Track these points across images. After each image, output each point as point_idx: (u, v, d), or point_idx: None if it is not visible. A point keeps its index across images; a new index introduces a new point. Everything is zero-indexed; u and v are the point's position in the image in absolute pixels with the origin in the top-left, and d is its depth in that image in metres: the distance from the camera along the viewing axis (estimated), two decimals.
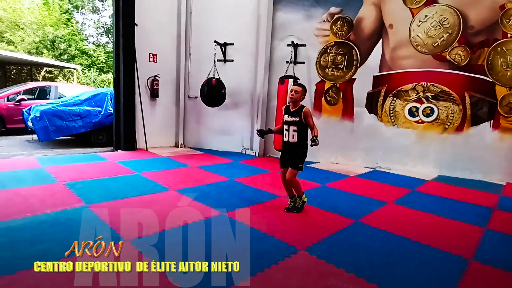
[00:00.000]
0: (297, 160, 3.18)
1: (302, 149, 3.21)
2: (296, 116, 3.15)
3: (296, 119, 3.14)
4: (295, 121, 3.15)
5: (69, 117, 6.59)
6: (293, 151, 3.20)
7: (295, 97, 3.15)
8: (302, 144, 3.19)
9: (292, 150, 3.21)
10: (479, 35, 5.41)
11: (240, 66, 6.69)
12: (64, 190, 3.60)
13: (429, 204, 3.90)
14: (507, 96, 5.35)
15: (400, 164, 5.98)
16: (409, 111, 5.91)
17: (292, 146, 3.20)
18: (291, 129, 3.17)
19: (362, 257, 2.39)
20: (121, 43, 6.00)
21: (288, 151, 3.25)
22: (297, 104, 3.19)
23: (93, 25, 18.04)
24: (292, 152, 3.21)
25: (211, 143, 7.13)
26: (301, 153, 3.20)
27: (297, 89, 3.17)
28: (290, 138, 3.18)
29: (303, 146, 3.20)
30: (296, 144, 3.17)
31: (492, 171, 5.48)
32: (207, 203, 3.43)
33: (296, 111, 3.17)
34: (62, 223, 2.71)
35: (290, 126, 3.17)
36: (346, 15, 6.08)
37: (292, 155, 3.20)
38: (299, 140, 3.17)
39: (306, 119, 3.11)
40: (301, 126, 3.14)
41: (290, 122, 3.18)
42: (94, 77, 16.30)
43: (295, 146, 3.18)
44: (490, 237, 2.96)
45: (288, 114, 3.21)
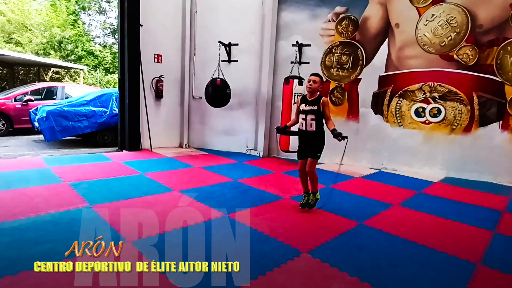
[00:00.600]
0: (316, 149, 3.19)
1: (320, 138, 3.22)
2: (314, 105, 3.16)
3: (315, 107, 3.15)
4: (313, 110, 3.16)
5: (75, 118, 6.64)
6: (312, 140, 3.21)
7: (313, 87, 3.16)
8: (320, 132, 3.21)
9: (310, 139, 3.22)
10: (488, 34, 5.31)
11: (245, 67, 6.67)
12: (69, 190, 3.61)
13: (435, 207, 3.83)
14: None
15: (407, 165, 5.90)
16: (416, 111, 5.82)
17: (311, 135, 3.21)
18: (309, 118, 3.18)
19: (366, 260, 2.34)
20: (126, 43, 6.02)
21: (306, 141, 3.26)
22: (314, 94, 3.21)
23: (100, 26, 18.19)
24: (311, 141, 3.21)
25: (216, 143, 7.12)
26: (319, 142, 3.22)
27: (315, 79, 3.18)
28: (308, 127, 3.19)
29: (321, 134, 3.22)
30: (315, 133, 3.19)
31: (501, 173, 5.37)
32: (210, 204, 3.42)
33: (314, 100, 3.19)
34: (65, 223, 2.72)
35: (308, 115, 3.18)
36: (351, 14, 6.02)
37: (311, 144, 3.21)
38: (317, 129, 3.18)
39: (324, 108, 3.13)
40: (319, 115, 3.16)
41: (308, 111, 3.18)
42: (100, 77, 16.43)
43: (314, 135, 3.20)
44: (499, 241, 2.89)
45: (306, 103, 3.22)
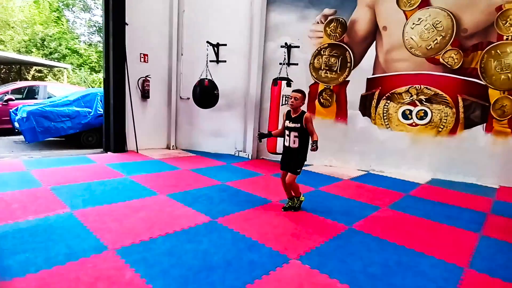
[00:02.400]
0: (296, 165, 3.26)
1: (302, 154, 3.29)
2: (297, 122, 3.21)
3: (297, 125, 3.20)
4: (296, 127, 3.21)
5: (57, 118, 6.43)
6: (293, 156, 3.27)
7: (295, 104, 3.21)
8: (302, 150, 3.28)
9: (292, 155, 3.28)
10: (473, 38, 5.41)
11: (233, 67, 6.60)
12: (49, 195, 3.46)
13: (423, 209, 3.85)
14: (500, 99, 5.35)
15: (394, 167, 5.95)
16: (403, 114, 5.88)
17: (293, 151, 3.28)
18: (292, 135, 3.24)
19: (356, 267, 2.31)
20: (111, 42, 5.86)
21: (288, 156, 3.32)
22: (297, 110, 3.25)
23: (85, 24, 17.76)
24: (292, 157, 3.28)
25: (204, 145, 7.02)
26: (300, 158, 3.29)
27: (296, 95, 3.21)
28: (291, 144, 3.26)
29: (303, 151, 3.29)
30: (297, 150, 3.26)
31: (485, 174, 5.48)
32: (197, 208, 3.33)
33: (297, 117, 3.23)
34: (44, 231, 2.58)
35: (291, 132, 3.24)
36: (340, 16, 6.03)
37: (292, 160, 3.27)
38: (299, 146, 3.25)
39: (307, 125, 3.17)
40: (302, 132, 3.21)
41: (291, 128, 3.24)
42: (85, 76, 16.03)
43: (296, 151, 3.27)
44: (485, 243, 2.92)
45: (290, 120, 3.27)
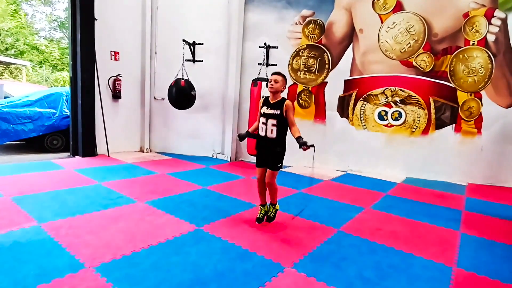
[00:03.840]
0: (275, 159, 2.88)
1: (281, 146, 2.90)
2: (276, 109, 2.84)
3: (277, 112, 2.83)
4: (275, 114, 2.84)
5: (16, 120, 5.87)
6: (271, 148, 2.88)
7: (275, 86, 2.85)
8: (281, 141, 2.89)
9: (270, 147, 2.89)
10: (443, 42, 5.66)
11: (211, 67, 6.42)
12: (11, 206, 3.11)
13: (404, 208, 3.94)
14: (468, 101, 5.64)
15: (371, 167, 6.08)
16: (379, 115, 6.03)
17: (270, 142, 2.87)
18: (270, 123, 2.85)
19: (352, 272, 2.27)
20: (78, 38, 5.46)
21: (265, 148, 2.93)
22: (277, 95, 2.89)
23: (45, 18, 16.57)
24: (270, 150, 2.89)
25: (180, 147, 6.76)
26: (279, 151, 2.89)
27: (276, 78, 2.86)
28: (268, 133, 2.87)
29: (282, 142, 2.90)
30: (275, 140, 2.86)
31: (455, 172, 5.76)
32: (181, 216, 3.15)
33: (276, 103, 2.87)
34: (8, 249, 2.29)
35: (269, 120, 2.86)
36: (318, 18, 6.06)
37: (270, 153, 2.89)
38: (278, 136, 2.85)
39: (287, 113, 2.82)
40: (281, 120, 2.84)
41: (270, 115, 2.86)
42: (46, 75, 14.95)
43: (274, 142, 2.86)
44: (467, 241, 3.01)
45: (267, 106, 2.91)
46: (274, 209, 3.12)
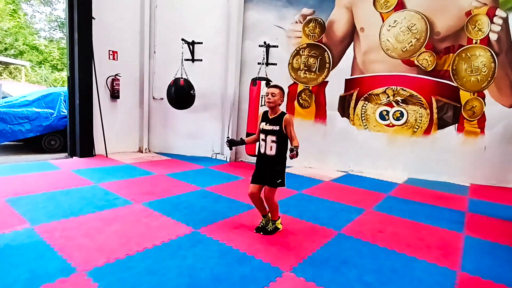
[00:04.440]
0: (275, 176, 2.71)
1: (281, 163, 2.74)
2: (275, 125, 2.70)
3: (276, 128, 2.69)
4: (274, 131, 2.69)
5: (14, 120, 5.82)
6: (271, 166, 2.73)
7: (273, 100, 2.68)
8: (281, 158, 2.74)
9: (269, 165, 2.74)
10: (445, 41, 5.58)
11: (210, 66, 6.35)
12: (4, 208, 3.05)
13: (406, 209, 3.86)
14: (471, 100, 5.56)
15: (372, 167, 6.01)
16: (380, 114, 5.95)
17: (270, 160, 2.73)
18: (269, 139, 2.71)
19: (352, 276, 2.20)
20: (76, 38, 5.40)
21: (264, 166, 2.77)
22: (276, 109, 2.74)
23: (45, 19, 16.53)
24: (270, 167, 2.73)
25: (179, 147, 6.70)
26: (280, 169, 2.73)
27: (274, 91, 2.69)
28: (268, 150, 2.72)
29: (282, 159, 2.75)
30: (274, 158, 2.72)
31: (457, 173, 5.67)
32: (178, 217, 3.08)
33: (275, 119, 2.71)
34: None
35: (268, 136, 2.71)
36: (318, 17, 5.99)
37: (270, 171, 2.72)
38: (278, 153, 2.71)
39: (287, 128, 2.67)
40: (281, 136, 2.70)
41: (268, 131, 2.72)
42: (46, 75, 14.90)
43: (273, 159, 2.72)
44: (471, 244, 2.94)
45: (266, 122, 2.75)
46: (274, 226, 2.90)
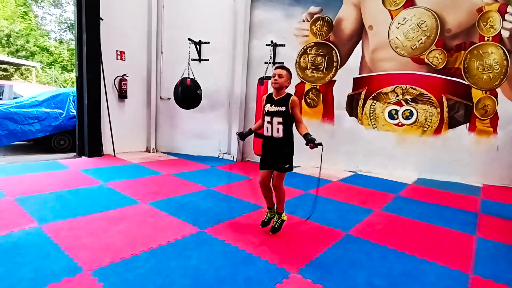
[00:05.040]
0: (283, 160, 2.65)
1: (288, 145, 2.68)
2: (281, 106, 2.63)
3: (282, 108, 2.62)
4: (281, 111, 2.62)
5: (24, 120, 5.90)
6: (278, 149, 2.67)
7: (279, 81, 2.62)
8: (288, 140, 2.68)
9: (276, 148, 2.68)
10: (456, 38, 5.45)
11: (217, 66, 6.34)
12: (13, 207, 3.08)
13: (416, 210, 3.77)
14: (483, 99, 5.42)
15: (381, 167, 5.91)
16: (389, 113, 5.85)
17: (277, 142, 2.67)
18: (275, 121, 2.64)
19: (360, 279, 2.14)
20: (84, 38, 5.44)
21: (271, 149, 2.72)
22: (281, 91, 2.68)
23: (55, 20, 16.78)
24: (277, 150, 2.68)
25: (186, 147, 6.71)
26: (288, 151, 2.68)
27: (281, 72, 2.64)
28: (274, 132, 2.66)
29: (289, 142, 2.69)
30: (282, 140, 2.65)
31: (469, 173, 5.53)
32: (184, 217, 3.07)
33: (281, 100, 2.65)
34: (6, 251, 2.24)
35: (274, 118, 2.64)
36: (326, 15, 5.92)
37: (277, 154, 2.68)
38: (285, 135, 2.64)
39: (293, 110, 2.61)
40: (287, 118, 2.63)
41: (274, 112, 2.65)
42: (56, 76, 15.13)
43: (280, 142, 2.66)
44: (483, 246, 2.85)
45: (271, 103, 2.69)
46: (280, 219, 2.85)
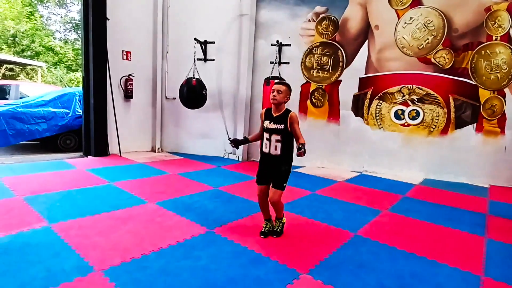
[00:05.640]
0: (281, 177, 2.60)
1: (286, 163, 2.63)
2: (280, 123, 2.58)
3: (281, 126, 2.57)
4: (279, 129, 2.58)
5: (31, 120, 5.94)
6: (276, 167, 2.62)
7: (278, 98, 2.56)
8: (286, 158, 2.63)
9: (274, 165, 2.62)
10: (463, 38, 5.41)
11: (222, 66, 6.34)
12: (23, 206, 3.10)
13: (423, 211, 3.75)
14: (490, 99, 5.38)
15: (387, 168, 5.88)
16: (395, 114, 5.82)
17: (274, 160, 2.62)
18: (274, 138, 2.59)
19: (370, 280, 2.13)
20: (91, 38, 5.47)
21: (269, 166, 2.66)
22: (280, 107, 2.61)
23: (60, 20, 16.87)
24: (275, 168, 2.62)
25: (191, 147, 6.72)
26: (285, 169, 2.61)
27: (280, 88, 2.57)
28: (272, 150, 2.61)
29: (288, 160, 2.63)
30: (279, 158, 2.60)
31: (476, 174, 5.49)
32: (192, 217, 3.07)
33: (280, 117, 2.59)
34: (17, 250, 2.25)
35: (272, 135, 2.60)
36: (331, 15, 5.90)
37: (275, 171, 2.62)
38: (283, 153, 2.60)
39: (292, 126, 2.55)
40: (286, 135, 2.59)
41: (273, 130, 2.60)
42: (61, 75, 15.21)
43: (278, 160, 2.61)
44: (494, 248, 2.83)
45: (270, 120, 2.63)
46: (281, 223, 2.84)
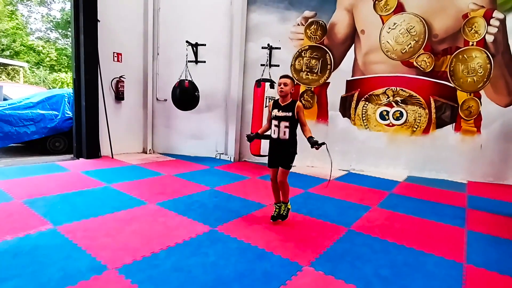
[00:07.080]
0: (289, 158, 3.04)
1: (293, 146, 3.06)
2: (288, 111, 2.97)
3: (289, 114, 2.97)
4: (287, 117, 2.98)
5: (19, 122, 5.83)
6: (285, 149, 3.04)
7: (285, 89, 2.98)
8: (293, 141, 3.05)
9: (283, 148, 3.05)
10: (443, 43, 5.75)
11: (213, 68, 6.44)
12: (23, 209, 3.12)
13: (410, 206, 4.01)
14: (467, 100, 5.75)
15: (373, 166, 6.16)
16: (380, 114, 6.11)
17: (283, 144, 3.04)
18: (282, 125, 3.00)
19: (368, 270, 2.33)
20: (81, 40, 5.44)
21: (278, 149, 3.08)
22: (287, 98, 3.03)
23: (41, 19, 16.38)
24: (283, 150, 3.05)
25: (183, 148, 6.78)
26: (292, 151, 3.06)
27: (285, 81, 2.99)
28: (281, 135, 3.02)
29: (294, 142, 3.07)
30: (288, 141, 3.02)
31: (455, 170, 5.86)
32: (193, 217, 3.18)
33: (288, 106, 3.00)
34: (28, 252, 2.30)
35: (281, 122, 3.00)
36: (320, 19, 6.12)
37: (283, 153, 3.05)
38: (290, 137, 3.02)
39: (299, 114, 2.97)
40: (293, 122, 2.99)
41: (282, 117, 3.00)
42: (44, 76, 14.79)
43: (287, 143, 3.03)
44: (473, 238, 3.09)
45: (279, 109, 3.03)
46: (286, 208, 3.21)
